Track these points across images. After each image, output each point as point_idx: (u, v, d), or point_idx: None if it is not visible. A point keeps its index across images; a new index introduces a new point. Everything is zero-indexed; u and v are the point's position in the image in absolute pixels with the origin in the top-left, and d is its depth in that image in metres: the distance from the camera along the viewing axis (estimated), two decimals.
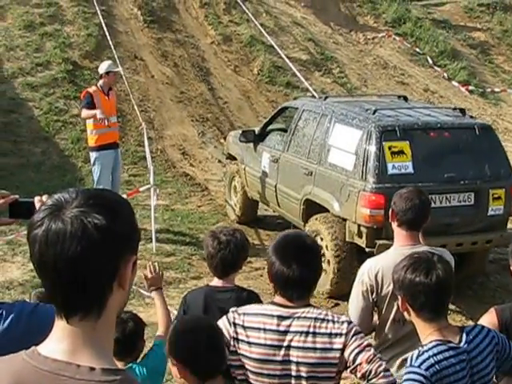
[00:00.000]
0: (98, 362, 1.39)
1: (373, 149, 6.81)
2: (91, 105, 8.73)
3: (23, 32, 13.98)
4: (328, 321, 2.74)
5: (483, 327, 2.86)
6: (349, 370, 2.73)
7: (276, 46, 15.11)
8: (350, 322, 2.81)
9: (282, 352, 2.72)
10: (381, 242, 6.44)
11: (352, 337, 2.70)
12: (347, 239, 6.98)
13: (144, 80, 14.01)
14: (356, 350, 2.67)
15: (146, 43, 15.00)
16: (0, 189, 2.51)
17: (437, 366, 2.63)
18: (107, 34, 13.64)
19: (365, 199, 6.67)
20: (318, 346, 2.70)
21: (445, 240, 6.83)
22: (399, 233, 3.68)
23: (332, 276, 7.18)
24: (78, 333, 1.41)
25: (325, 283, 7.33)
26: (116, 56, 13.28)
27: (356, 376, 2.78)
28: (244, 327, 2.78)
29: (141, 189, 9.46)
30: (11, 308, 2.18)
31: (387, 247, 4.07)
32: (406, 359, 3.12)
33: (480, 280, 8.02)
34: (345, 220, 7.03)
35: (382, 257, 3.87)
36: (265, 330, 2.75)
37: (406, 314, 2.85)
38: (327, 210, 7.29)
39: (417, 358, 2.66)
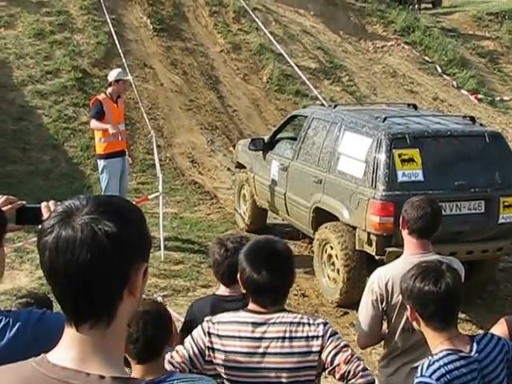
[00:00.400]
0: (107, 370, 1.37)
1: (383, 156, 6.78)
2: (101, 114, 8.65)
3: (33, 40, 14.04)
4: (304, 324, 2.72)
5: (493, 335, 2.83)
6: (327, 371, 2.72)
7: (285, 55, 15.14)
8: (325, 324, 2.78)
9: (259, 359, 2.71)
10: (390, 249, 6.40)
11: (328, 338, 2.69)
12: (357, 247, 6.94)
13: (153, 88, 14.04)
14: (333, 352, 2.66)
15: (155, 51, 15.04)
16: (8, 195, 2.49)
17: (448, 376, 2.59)
18: (117, 42, 13.71)
19: (375, 207, 6.63)
20: (296, 350, 2.69)
21: (455, 248, 6.79)
22: (410, 241, 3.67)
23: (342, 285, 7.14)
24: (88, 341, 1.40)
25: (334, 292, 7.29)
26: (125, 64, 13.34)
27: (335, 377, 2.76)
28: (219, 336, 2.76)
29: (149, 196, 9.44)
30: (18, 316, 2.17)
31: (397, 255, 4.04)
32: (414, 368, 3.11)
33: (490, 289, 7.96)
34: (354, 228, 7.00)
35: (392, 265, 3.84)
36: (240, 337, 2.73)
37: (415, 323, 2.82)
38: (337, 218, 7.26)
39: (427, 367, 2.62)
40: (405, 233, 3.68)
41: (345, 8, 20.05)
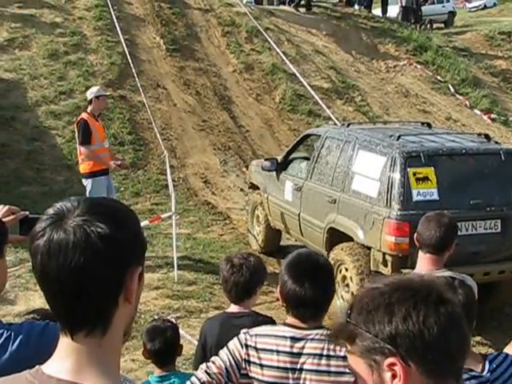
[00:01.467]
0: (103, 381, 1.34)
1: (397, 175, 6.70)
2: (90, 136, 8.52)
3: (47, 61, 14.16)
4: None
5: (507, 355, 2.76)
6: None
7: (298, 74, 15.16)
8: None
9: (295, 375, 2.67)
10: (406, 270, 6.30)
11: None
12: (372, 268, 6.84)
13: (166, 108, 14.08)
14: None
15: (168, 72, 15.11)
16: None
17: None
18: (130, 62, 13.79)
19: (390, 227, 6.55)
20: (332, 369, 2.64)
21: (472, 269, 6.64)
22: (423, 257, 3.67)
23: None
24: (83, 350, 1.35)
25: None
26: (139, 84, 13.41)
27: None
28: (256, 349, 2.71)
29: (162, 216, 9.41)
30: (20, 329, 2.15)
31: None
32: None
33: (506, 311, 7.83)
34: (369, 248, 6.91)
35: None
36: (278, 351, 2.68)
37: None
38: (351, 239, 7.17)
39: None
40: (419, 249, 3.69)
41: (357, 28, 20.11)
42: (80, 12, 15.90)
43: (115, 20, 15.16)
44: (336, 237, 7.44)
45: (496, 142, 8.05)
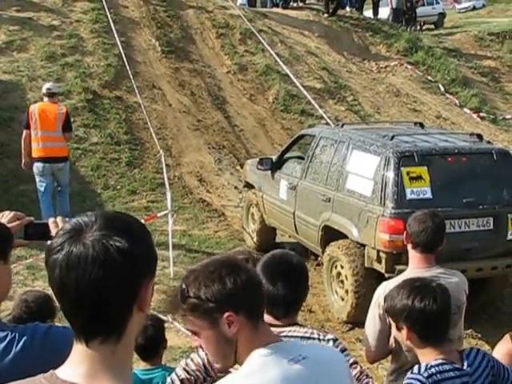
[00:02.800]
0: None
1: (391, 174, 6.66)
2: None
3: (45, 63, 14.05)
4: (314, 339, 2.72)
5: (478, 350, 2.85)
6: None
7: (291, 75, 15.12)
8: (335, 340, 2.82)
9: None
10: (400, 267, 6.24)
11: None
12: (366, 265, 6.80)
13: (162, 109, 14.00)
14: None
15: (163, 73, 15.03)
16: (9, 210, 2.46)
17: (439, 376, 2.64)
18: (126, 64, 13.71)
19: (384, 224, 6.50)
20: None
21: (465, 265, 6.62)
22: (414, 255, 3.64)
23: (350, 303, 7.00)
24: (97, 357, 1.37)
25: (343, 310, 7.14)
26: (135, 85, 13.33)
27: None
28: None
29: (158, 214, 9.39)
30: (24, 331, 2.14)
31: None
32: None
33: (495, 304, 7.81)
34: (363, 246, 6.87)
35: (397, 279, 3.74)
36: None
37: (408, 342, 2.85)
38: (346, 236, 7.13)
39: (425, 369, 2.67)
40: (409, 247, 3.65)
41: (348, 29, 20.09)
42: (77, 15, 15.79)
43: (111, 23, 15.05)
44: (330, 234, 7.40)
45: (488, 142, 8.02)
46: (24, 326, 2.21)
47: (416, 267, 3.60)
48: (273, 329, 2.71)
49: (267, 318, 2.73)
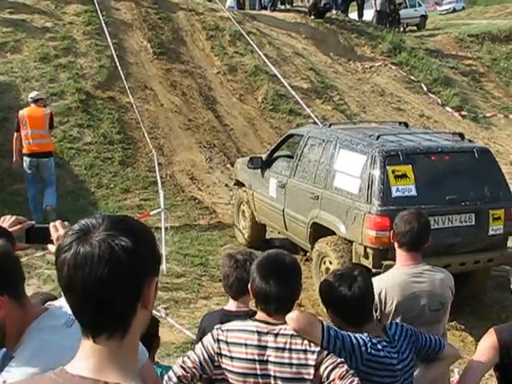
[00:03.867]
0: (124, 378, 1.39)
1: (377, 173, 6.69)
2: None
3: (38, 64, 13.97)
4: (304, 337, 2.72)
5: (397, 324, 3.07)
6: None
7: (279, 76, 15.15)
8: (319, 352, 2.81)
9: (262, 366, 2.73)
10: (387, 262, 6.29)
11: (327, 354, 2.69)
12: (354, 261, 6.82)
13: (154, 109, 13.97)
14: (330, 367, 2.65)
15: (155, 74, 14.99)
16: (16, 214, 2.48)
17: (375, 356, 2.81)
18: (118, 65, 13.68)
19: (370, 221, 6.54)
20: (294, 361, 2.70)
21: (448, 260, 6.70)
22: (400, 253, 3.68)
23: None
24: (104, 351, 1.40)
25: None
26: (127, 86, 13.29)
27: None
28: (227, 343, 2.80)
29: (151, 212, 9.37)
30: None
31: None
32: None
33: (479, 297, 7.88)
34: (351, 242, 6.90)
35: (384, 276, 3.86)
36: (246, 345, 2.76)
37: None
38: (334, 233, 7.16)
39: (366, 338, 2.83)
40: (396, 245, 3.70)
41: (334, 31, 20.12)
42: (70, 17, 15.70)
43: (104, 25, 15.00)
44: (319, 231, 7.42)
45: (470, 141, 8.07)
46: None
47: (403, 265, 3.65)
48: (265, 326, 2.76)
49: (260, 314, 2.82)
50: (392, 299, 3.60)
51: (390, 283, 3.66)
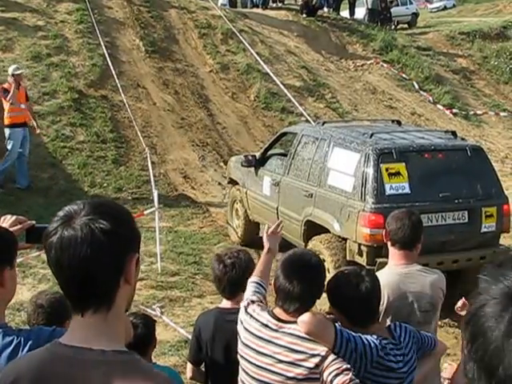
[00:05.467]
0: (108, 345, 1.52)
1: (371, 171, 6.71)
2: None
3: (30, 63, 13.93)
4: (309, 340, 2.71)
5: (401, 325, 3.05)
6: None
7: (271, 74, 15.17)
8: (324, 357, 2.79)
9: (264, 359, 2.76)
10: (381, 259, 6.30)
11: (333, 360, 2.67)
12: (348, 258, 6.84)
13: (146, 107, 13.96)
14: (334, 373, 2.64)
15: (147, 72, 14.97)
16: (9, 213, 2.46)
17: (386, 358, 2.81)
18: (110, 64, 13.66)
19: (364, 219, 6.56)
20: (297, 362, 2.70)
21: (441, 257, 6.74)
22: (393, 252, 3.65)
23: None
24: (92, 323, 1.54)
25: (326, 301, 7.17)
26: (119, 84, 13.27)
27: None
28: (243, 328, 2.87)
29: (145, 212, 9.35)
30: (29, 335, 2.17)
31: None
32: None
33: (470, 294, 7.89)
34: (345, 240, 6.92)
35: (377, 275, 3.81)
36: (254, 334, 2.81)
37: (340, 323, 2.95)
38: (328, 231, 7.17)
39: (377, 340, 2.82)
40: (389, 244, 3.67)
41: (326, 29, 20.16)
42: (61, 16, 15.65)
43: (95, 23, 14.96)
44: (313, 229, 7.43)
45: (462, 139, 8.10)
46: (29, 330, 2.25)
47: (395, 264, 3.62)
48: (276, 322, 2.78)
49: (278, 310, 2.82)
50: (383, 299, 3.59)
51: (381, 283, 3.64)
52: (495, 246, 7.20)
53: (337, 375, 2.62)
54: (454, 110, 17.93)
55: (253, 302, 2.94)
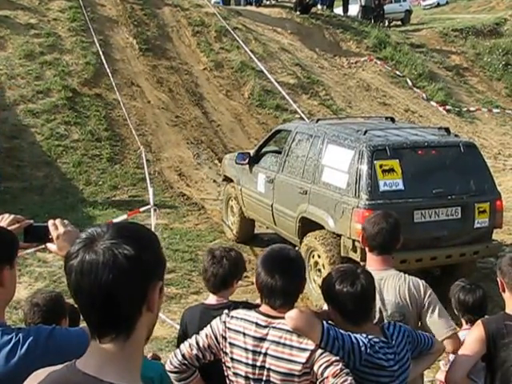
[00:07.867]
0: (121, 378, 1.45)
1: (365, 167, 6.78)
2: None
3: (24, 61, 13.93)
4: (299, 334, 2.74)
5: (395, 324, 3.04)
6: (318, 382, 2.74)
7: (265, 71, 15.20)
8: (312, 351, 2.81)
9: (257, 357, 2.78)
10: None
11: (321, 353, 2.70)
12: (342, 254, 6.91)
13: (141, 105, 13.99)
14: (324, 365, 2.67)
15: (141, 70, 15.00)
16: (4, 212, 2.45)
17: (375, 356, 2.80)
18: (104, 62, 13.68)
19: (358, 215, 6.61)
20: (287, 356, 2.73)
21: (435, 253, 6.84)
22: (371, 257, 3.52)
23: None
24: (108, 350, 1.47)
25: (321, 298, 7.24)
26: (113, 83, 13.29)
27: None
28: (229, 329, 2.86)
29: (141, 209, 9.39)
30: (28, 333, 2.15)
31: None
32: None
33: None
34: (339, 236, 6.99)
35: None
36: (244, 334, 2.81)
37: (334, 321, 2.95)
38: (322, 227, 7.24)
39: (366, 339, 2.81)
40: (366, 250, 3.56)
41: (320, 26, 20.20)
42: (54, 13, 15.65)
43: (88, 21, 14.98)
44: (308, 225, 7.49)
45: (455, 135, 8.17)
46: (27, 329, 2.22)
47: (373, 269, 3.37)
48: (265, 318, 2.81)
49: (265, 307, 2.84)
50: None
51: None
52: (488, 242, 7.29)
53: (327, 366, 2.66)
54: (448, 107, 18.03)
55: (227, 314, 2.92)
